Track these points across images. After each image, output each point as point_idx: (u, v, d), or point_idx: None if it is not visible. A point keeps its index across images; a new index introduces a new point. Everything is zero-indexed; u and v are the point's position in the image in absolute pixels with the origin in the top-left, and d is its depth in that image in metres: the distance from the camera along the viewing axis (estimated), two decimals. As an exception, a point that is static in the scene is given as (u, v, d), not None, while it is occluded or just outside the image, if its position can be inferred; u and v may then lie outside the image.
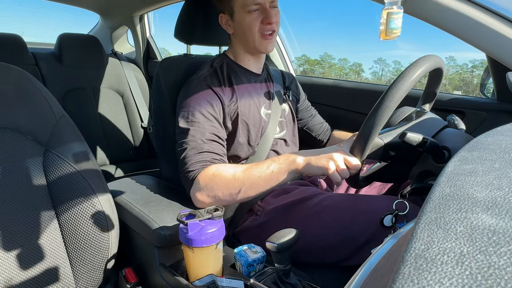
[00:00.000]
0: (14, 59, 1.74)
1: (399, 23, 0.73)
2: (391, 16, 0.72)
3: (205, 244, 0.72)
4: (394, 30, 0.73)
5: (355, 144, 0.78)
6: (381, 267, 0.32)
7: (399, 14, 0.72)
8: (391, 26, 0.73)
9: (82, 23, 2.53)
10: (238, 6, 1.01)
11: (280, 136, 1.15)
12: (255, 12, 1.01)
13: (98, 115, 2.00)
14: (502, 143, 0.38)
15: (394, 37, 0.75)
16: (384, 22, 0.73)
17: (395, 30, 0.73)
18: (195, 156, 0.93)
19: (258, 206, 1.01)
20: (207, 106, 0.98)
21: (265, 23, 1.01)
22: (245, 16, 1.01)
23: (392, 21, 0.72)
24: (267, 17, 1.00)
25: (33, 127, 0.82)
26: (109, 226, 0.85)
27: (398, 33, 0.74)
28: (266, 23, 1.00)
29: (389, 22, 0.73)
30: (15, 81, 0.83)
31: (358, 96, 1.50)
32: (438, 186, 0.30)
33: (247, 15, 1.01)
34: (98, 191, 0.85)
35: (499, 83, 1.11)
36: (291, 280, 0.71)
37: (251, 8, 1.00)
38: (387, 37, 0.74)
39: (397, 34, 0.74)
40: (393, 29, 0.73)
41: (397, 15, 0.72)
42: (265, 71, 1.18)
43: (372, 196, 0.92)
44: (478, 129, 1.16)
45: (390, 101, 0.71)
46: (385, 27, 0.73)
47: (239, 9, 1.02)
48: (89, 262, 0.85)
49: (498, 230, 0.23)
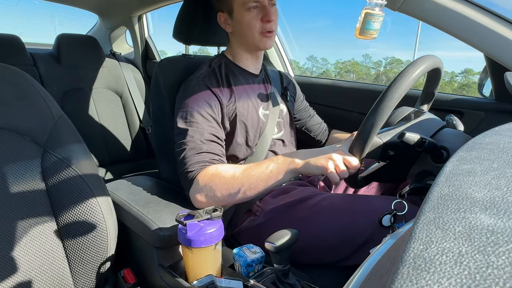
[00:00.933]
0: (12, 59, 1.73)
1: (377, 26, 0.72)
2: (368, 17, 0.71)
3: (204, 245, 0.72)
4: (370, 31, 0.73)
5: (354, 143, 0.78)
6: (380, 267, 0.32)
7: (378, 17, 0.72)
8: (367, 26, 0.72)
9: (81, 24, 2.53)
10: (237, 3, 1.01)
11: (278, 136, 1.15)
12: (254, 10, 1.01)
13: (96, 116, 2.00)
14: (500, 143, 0.38)
15: (369, 38, 0.74)
16: (361, 21, 0.72)
17: (371, 32, 0.73)
18: (194, 157, 0.93)
19: (257, 206, 1.01)
20: (206, 107, 0.98)
21: (265, 21, 1.01)
22: (244, 13, 1.01)
23: (370, 22, 0.72)
24: (266, 15, 1.00)
25: (31, 127, 0.82)
26: (107, 227, 0.85)
27: (375, 35, 0.73)
28: (265, 21, 1.00)
29: (365, 22, 0.72)
30: (13, 81, 0.83)
31: (356, 96, 1.50)
32: (436, 186, 0.30)
33: (246, 12, 1.01)
34: (97, 191, 0.84)
35: (497, 83, 1.11)
36: (290, 281, 0.71)
37: (250, 5, 1.00)
38: (361, 36, 0.73)
39: (374, 36, 0.73)
40: (368, 30, 0.73)
41: (376, 18, 0.71)
42: (263, 71, 1.18)
43: (370, 196, 0.93)
44: (476, 129, 1.16)
45: (389, 100, 0.71)
46: (360, 26, 0.72)
47: (238, 7, 1.02)
48: (88, 263, 0.84)
49: (496, 230, 0.23)
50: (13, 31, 1.94)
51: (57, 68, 1.90)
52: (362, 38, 0.74)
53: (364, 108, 0.86)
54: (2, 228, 0.75)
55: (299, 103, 1.31)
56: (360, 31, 0.73)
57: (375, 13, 0.71)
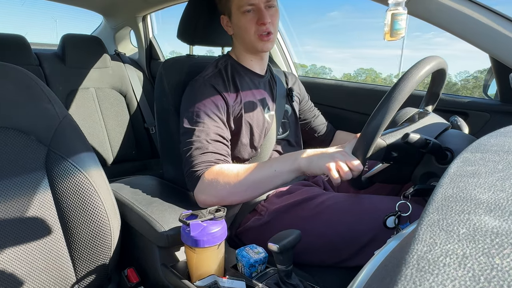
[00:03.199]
0: (17, 59, 1.75)
1: (403, 24, 0.73)
2: (395, 17, 0.72)
3: (207, 245, 0.72)
4: (399, 30, 0.74)
5: (357, 145, 0.78)
6: (383, 268, 0.32)
7: (403, 15, 0.73)
8: (395, 27, 0.73)
9: (87, 23, 2.54)
10: (234, 7, 1.02)
11: (283, 137, 1.15)
12: (249, 13, 1.01)
13: (101, 116, 2.01)
14: (505, 144, 0.38)
15: (399, 38, 0.75)
16: (389, 24, 0.73)
17: (400, 31, 0.74)
18: (199, 156, 0.93)
19: (262, 206, 1.01)
20: (212, 107, 0.98)
21: (259, 24, 1.01)
22: (241, 17, 1.02)
23: (397, 22, 0.73)
24: (260, 18, 1.00)
25: (36, 127, 0.82)
26: (111, 226, 0.86)
27: (403, 33, 0.74)
28: (260, 24, 1.01)
29: (393, 23, 0.73)
30: (19, 81, 0.83)
31: (361, 97, 1.50)
32: (440, 188, 0.29)
33: (242, 16, 1.01)
34: (101, 191, 0.85)
35: (502, 84, 1.11)
36: (292, 281, 0.71)
37: (246, 8, 1.00)
38: (392, 38, 0.74)
39: (402, 34, 0.74)
40: (397, 30, 0.73)
41: (401, 16, 0.72)
42: (268, 72, 1.18)
43: (375, 197, 0.92)
44: (481, 130, 1.15)
45: (393, 101, 0.71)
46: (389, 28, 0.73)
47: (235, 10, 1.02)
48: (91, 262, 0.85)
49: (501, 232, 0.22)
50: (18, 31, 1.95)
51: (62, 68, 1.91)
52: (392, 39, 0.75)
53: (369, 108, 0.86)
54: (6, 227, 0.75)
55: (304, 103, 1.31)
56: (390, 33, 0.73)
57: (399, 12, 0.72)
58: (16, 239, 0.76)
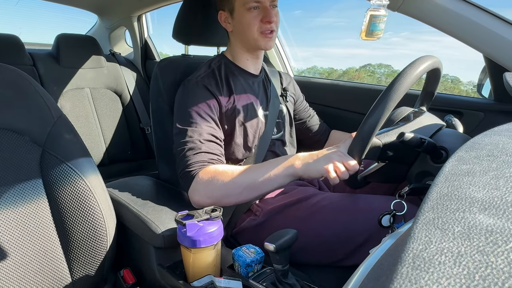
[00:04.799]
0: (11, 59, 1.73)
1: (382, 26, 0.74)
2: (374, 19, 0.73)
3: (204, 245, 0.72)
4: (375, 31, 0.74)
5: (353, 144, 0.78)
6: (379, 267, 0.32)
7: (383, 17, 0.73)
8: (372, 28, 0.73)
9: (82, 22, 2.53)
10: (239, 3, 1.01)
11: (277, 137, 1.15)
12: (255, 10, 1.01)
13: (96, 116, 1.99)
14: (499, 143, 0.38)
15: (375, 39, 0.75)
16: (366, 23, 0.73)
17: (377, 32, 0.74)
18: (193, 156, 0.93)
19: (257, 206, 1.01)
20: (204, 107, 0.98)
21: (265, 22, 1.01)
22: (245, 13, 1.01)
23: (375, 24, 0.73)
24: (266, 16, 1.00)
25: (30, 127, 0.81)
26: (107, 227, 0.85)
27: (380, 35, 0.75)
28: (265, 22, 1.01)
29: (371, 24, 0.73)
30: (12, 81, 0.83)
31: (356, 96, 1.50)
32: (435, 186, 0.30)
33: (247, 12, 1.01)
34: (96, 191, 0.84)
35: (496, 83, 1.12)
36: (289, 281, 0.71)
37: (251, 5, 1.00)
38: (368, 37, 0.75)
39: (379, 36, 0.75)
40: (374, 31, 0.74)
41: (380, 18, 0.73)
42: (263, 72, 1.18)
43: (370, 196, 0.93)
44: (475, 129, 1.16)
45: (388, 101, 0.71)
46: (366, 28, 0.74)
47: (239, 6, 1.02)
48: (87, 263, 0.84)
49: (495, 230, 0.23)
50: (12, 31, 1.94)
51: (56, 68, 1.90)
52: (368, 39, 0.75)
53: (364, 108, 0.87)
54: (0, 228, 0.75)
55: (298, 103, 1.31)
56: (366, 33, 0.74)
57: (379, 14, 0.72)
58: (9, 240, 0.75)
